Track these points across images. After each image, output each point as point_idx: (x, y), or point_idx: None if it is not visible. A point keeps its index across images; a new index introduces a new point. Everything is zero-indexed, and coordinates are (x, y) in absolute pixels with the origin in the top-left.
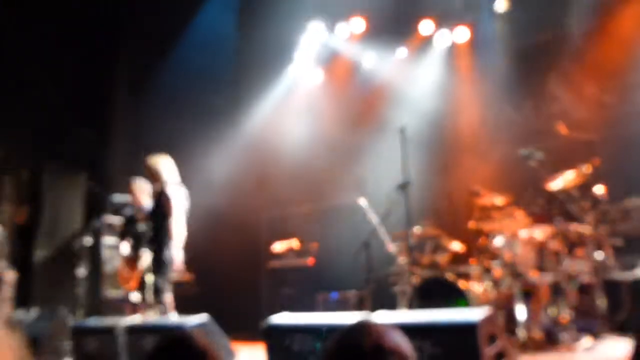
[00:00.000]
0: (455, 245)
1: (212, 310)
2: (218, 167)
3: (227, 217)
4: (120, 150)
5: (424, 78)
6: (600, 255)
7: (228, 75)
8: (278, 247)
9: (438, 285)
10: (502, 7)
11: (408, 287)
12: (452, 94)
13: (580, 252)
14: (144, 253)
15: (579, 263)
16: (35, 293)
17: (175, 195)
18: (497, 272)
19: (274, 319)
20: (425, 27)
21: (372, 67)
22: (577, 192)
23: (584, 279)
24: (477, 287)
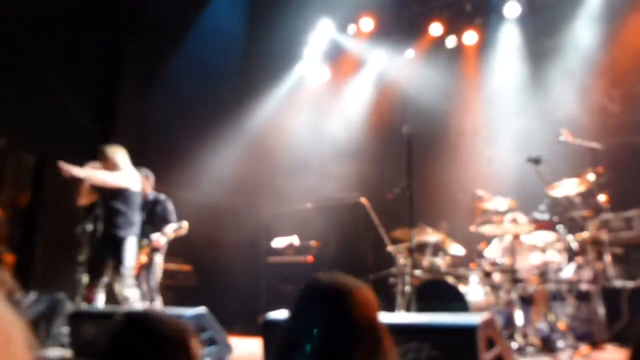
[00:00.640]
0: (456, 249)
1: (210, 304)
2: (221, 162)
3: (228, 211)
4: (125, 140)
5: (431, 79)
6: (601, 264)
7: (235, 72)
8: (278, 243)
9: (437, 288)
10: (511, 11)
11: (407, 288)
12: (458, 97)
13: (581, 259)
14: (144, 241)
15: (579, 270)
16: (36, 277)
17: (136, 182)
18: (496, 276)
19: (272, 315)
20: (435, 28)
21: (379, 66)
22: (580, 199)
23: (584, 287)
24: (476, 291)
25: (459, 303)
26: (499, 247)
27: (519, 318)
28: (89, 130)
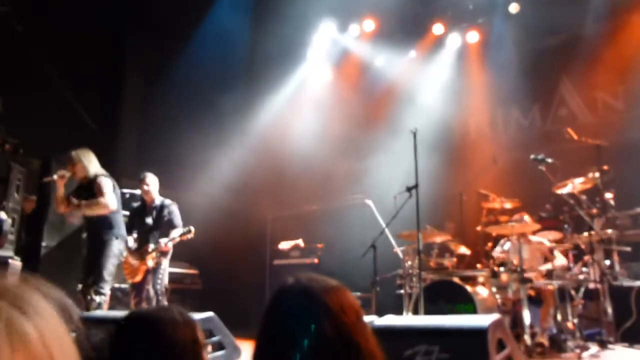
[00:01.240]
0: (463, 249)
1: (216, 307)
2: (225, 165)
3: (234, 214)
4: (129, 144)
5: (435, 79)
6: (608, 262)
7: (238, 74)
8: (284, 245)
9: (445, 289)
10: (514, 9)
11: (414, 290)
12: (462, 96)
13: (588, 258)
14: (151, 245)
15: (587, 269)
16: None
17: (108, 183)
18: (504, 276)
19: None
20: (437, 28)
21: (382, 67)
22: (585, 197)
23: (592, 286)
24: (484, 291)
25: (467, 304)
26: (506, 246)
27: (527, 318)
28: (94, 135)
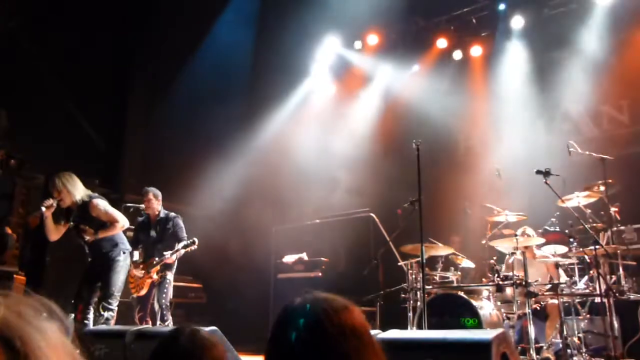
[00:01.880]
0: (468, 263)
1: (220, 321)
2: (229, 178)
3: (238, 228)
4: (133, 158)
5: (438, 93)
6: (614, 276)
7: (242, 89)
8: (287, 259)
9: (449, 303)
10: (518, 23)
11: (419, 304)
12: (466, 110)
13: (594, 272)
14: (156, 259)
15: (593, 284)
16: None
17: (107, 203)
18: (509, 290)
19: None
20: (440, 42)
21: (386, 81)
22: (591, 211)
23: (597, 300)
24: (488, 305)
25: (472, 318)
26: (511, 260)
27: (533, 332)
28: (99, 150)
